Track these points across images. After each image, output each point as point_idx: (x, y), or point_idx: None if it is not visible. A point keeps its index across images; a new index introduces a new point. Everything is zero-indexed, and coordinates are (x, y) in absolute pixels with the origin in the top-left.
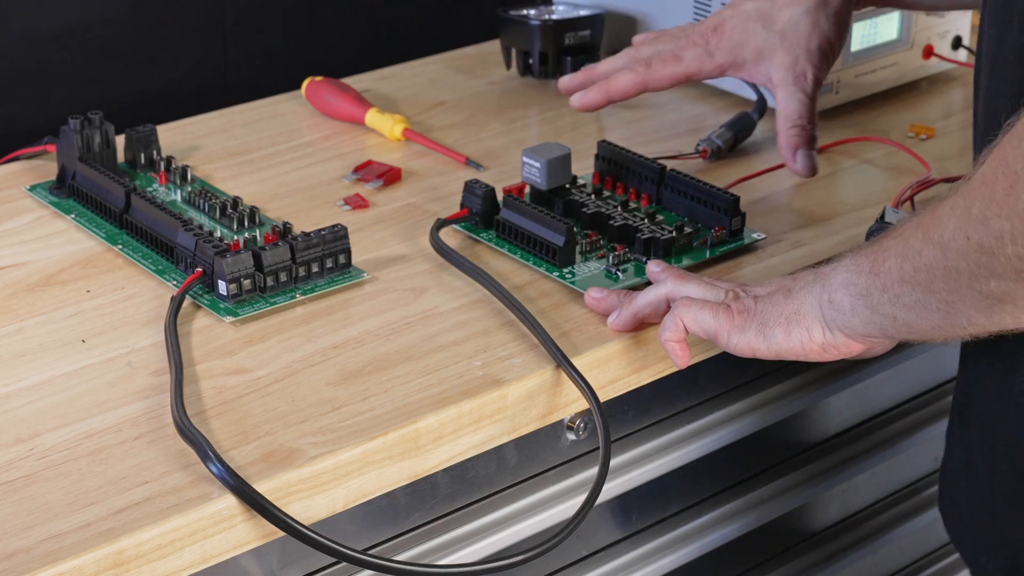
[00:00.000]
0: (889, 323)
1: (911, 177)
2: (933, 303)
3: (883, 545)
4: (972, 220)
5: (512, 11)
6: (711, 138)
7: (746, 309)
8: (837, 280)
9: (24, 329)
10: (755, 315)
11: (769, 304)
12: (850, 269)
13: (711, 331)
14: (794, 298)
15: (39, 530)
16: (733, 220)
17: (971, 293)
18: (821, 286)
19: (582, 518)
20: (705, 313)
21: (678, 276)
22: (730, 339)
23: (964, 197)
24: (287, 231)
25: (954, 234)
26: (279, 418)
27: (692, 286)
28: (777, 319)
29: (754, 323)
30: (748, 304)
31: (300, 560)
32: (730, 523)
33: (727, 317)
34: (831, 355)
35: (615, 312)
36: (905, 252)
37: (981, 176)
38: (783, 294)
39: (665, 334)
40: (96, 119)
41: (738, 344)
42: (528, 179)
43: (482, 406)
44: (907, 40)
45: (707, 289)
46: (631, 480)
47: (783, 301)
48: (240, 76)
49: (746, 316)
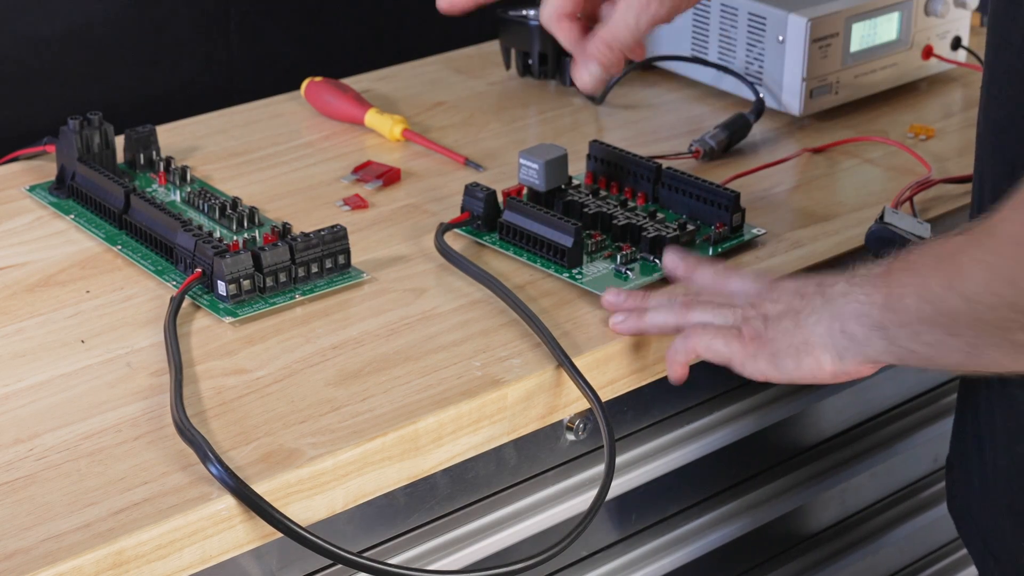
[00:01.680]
0: (907, 355)
1: (911, 177)
2: (956, 344)
3: (883, 545)
4: (1002, 279)
5: (512, 11)
6: (704, 139)
7: (757, 335)
8: (849, 310)
9: (23, 329)
10: (766, 343)
11: (779, 331)
12: (861, 300)
13: (724, 359)
14: (803, 327)
15: (38, 530)
16: (734, 216)
17: (1000, 342)
18: (831, 315)
19: (584, 526)
20: (717, 342)
21: (686, 304)
22: (744, 368)
23: (992, 253)
24: (286, 232)
25: (982, 290)
26: (278, 419)
27: (701, 312)
28: (787, 349)
29: (765, 352)
30: (758, 328)
31: (299, 560)
32: (730, 523)
33: (739, 345)
34: (843, 379)
35: (622, 315)
36: (924, 294)
37: (1010, 235)
38: (792, 319)
39: (677, 357)
40: (95, 119)
41: (752, 372)
42: (525, 181)
43: (481, 407)
44: (906, 41)
45: (716, 313)
46: (631, 480)
47: (792, 329)
48: (240, 77)
49: (758, 344)
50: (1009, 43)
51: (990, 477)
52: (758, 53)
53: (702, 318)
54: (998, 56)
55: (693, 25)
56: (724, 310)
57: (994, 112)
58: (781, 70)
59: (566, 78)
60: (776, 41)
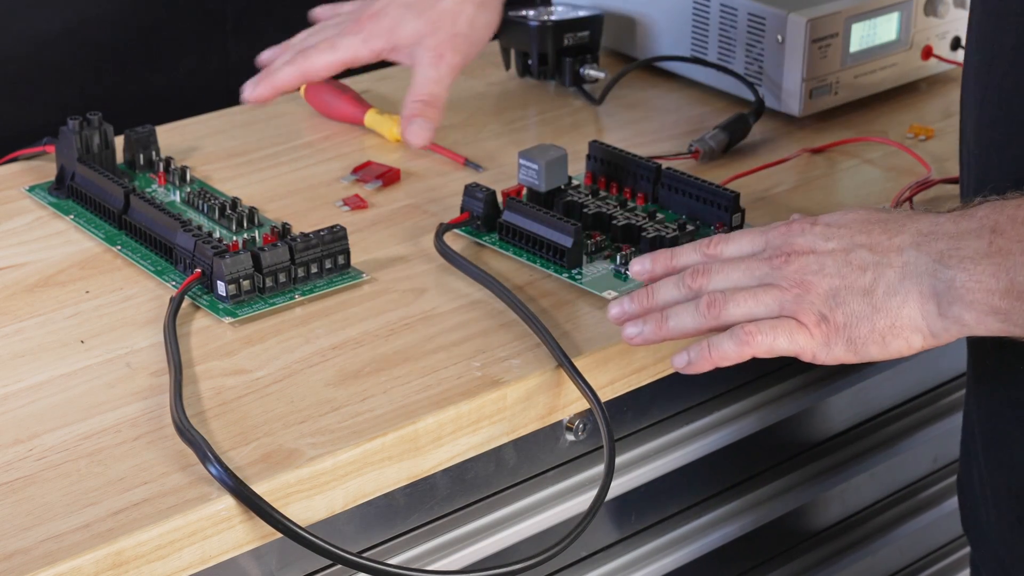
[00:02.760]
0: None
1: (910, 178)
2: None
3: (883, 545)
4: None
5: (511, 12)
6: (704, 139)
7: (822, 319)
8: (953, 294)
9: (23, 330)
10: (839, 328)
11: (851, 315)
12: (971, 287)
13: (790, 354)
14: (884, 309)
15: (38, 531)
16: (733, 216)
17: None
18: (920, 295)
19: (584, 527)
20: (780, 339)
21: (712, 302)
22: (816, 358)
23: None
24: (286, 232)
25: None
26: (278, 419)
27: (736, 305)
28: (869, 335)
29: (840, 338)
30: (821, 311)
31: (299, 561)
32: (730, 523)
33: (804, 336)
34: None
35: (635, 325)
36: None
37: None
38: (863, 300)
39: (725, 359)
40: (95, 120)
41: (826, 360)
42: (525, 181)
43: (481, 407)
44: (906, 41)
45: (754, 301)
46: (631, 481)
47: (870, 312)
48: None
49: (826, 330)
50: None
51: (1001, 502)
52: (758, 53)
53: (740, 311)
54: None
55: (693, 25)
56: (761, 295)
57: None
58: (781, 70)
59: (566, 78)
60: (776, 41)
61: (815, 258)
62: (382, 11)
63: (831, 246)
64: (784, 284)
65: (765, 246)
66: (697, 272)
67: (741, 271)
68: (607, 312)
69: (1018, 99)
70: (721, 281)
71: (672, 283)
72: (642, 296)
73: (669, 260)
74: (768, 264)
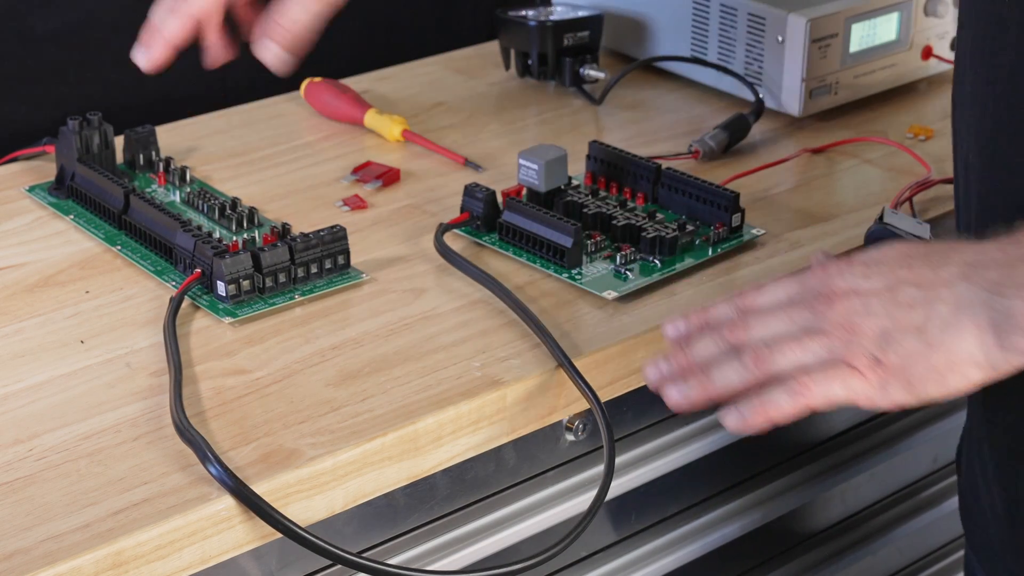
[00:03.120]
0: None
1: (910, 178)
2: None
3: (883, 545)
4: None
5: (511, 12)
6: (704, 139)
7: (875, 362)
8: (1012, 324)
9: (23, 330)
10: (894, 371)
11: (906, 354)
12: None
13: (847, 402)
14: (939, 346)
15: (38, 531)
16: (733, 216)
17: None
18: (976, 326)
19: (584, 527)
20: (835, 387)
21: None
22: (873, 403)
23: None
24: (286, 232)
25: None
26: (278, 419)
27: (785, 355)
28: (927, 373)
29: (896, 380)
30: (873, 353)
31: (299, 561)
32: (730, 523)
33: (860, 382)
34: None
35: (677, 386)
36: None
37: None
38: (915, 338)
39: (781, 414)
40: (95, 120)
41: (884, 405)
42: (524, 181)
43: (481, 407)
44: (906, 41)
45: (802, 348)
46: (630, 481)
47: (924, 349)
48: (239, 77)
49: (881, 372)
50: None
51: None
52: (757, 53)
53: (788, 362)
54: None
55: (693, 25)
56: (808, 343)
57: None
58: (780, 70)
59: (566, 79)
60: (775, 41)
61: (859, 299)
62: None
63: (874, 285)
64: (830, 329)
65: (802, 292)
66: (735, 325)
67: (782, 320)
68: (643, 375)
69: (1021, 116)
70: (762, 332)
71: (710, 339)
72: (679, 355)
73: (702, 317)
74: (810, 310)
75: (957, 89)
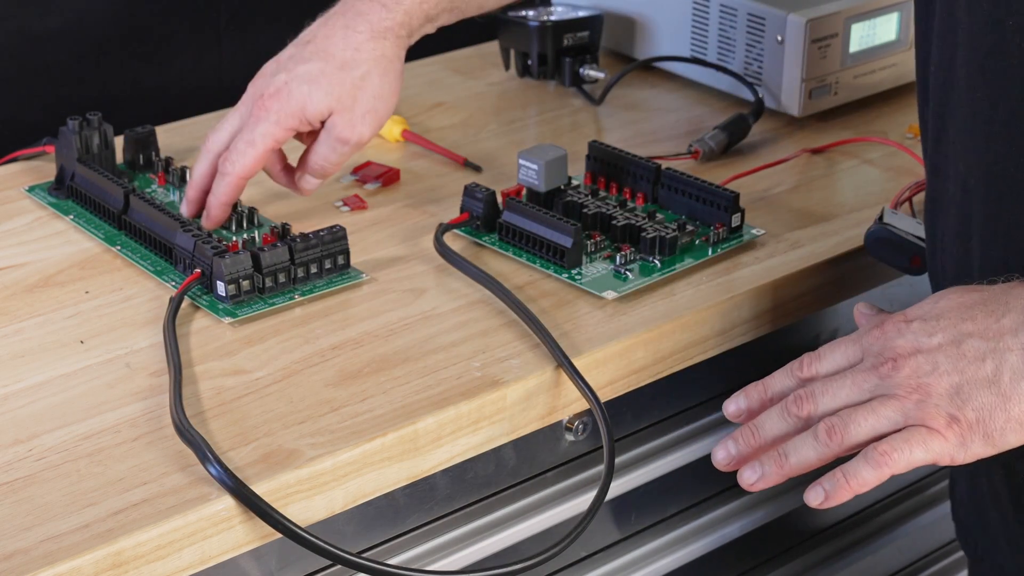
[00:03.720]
0: None
1: (910, 178)
2: None
3: (883, 545)
4: None
5: (511, 12)
6: (704, 139)
7: (953, 420)
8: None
9: (23, 330)
10: (972, 426)
11: (982, 409)
12: None
13: (929, 463)
14: (1017, 396)
15: (37, 531)
16: (733, 217)
17: None
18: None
19: (584, 527)
20: (916, 451)
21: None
22: (955, 459)
23: None
24: (286, 232)
25: None
26: (278, 419)
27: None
28: (1007, 424)
29: (976, 435)
30: (949, 411)
31: (299, 561)
32: (730, 523)
33: (939, 442)
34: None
35: (752, 469)
36: None
37: None
38: (989, 391)
39: (865, 486)
40: (95, 120)
41: (965, 460)
42: (524, 181)
43: (481, 407)
44: (905, 41)
45: (875, 415)
46: (630, 481)
47: (1003, 404)
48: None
49: (959, 430)
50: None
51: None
52: (757, 53)
53: (864, 431)
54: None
55: (692, 26)
56: (880, 408)
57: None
58: (780, 70)
59: (565, 79)
60: (775, 41)
61: (924, 357)
62: (284, 89)
63: (937, 341)
64: (901, 392)
65: (863, 355)
66: (800, 399)
67: (848, 387)
68: (713, 457)
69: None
70: (829, 402)
71: (776, 415)
72: (747, 435)
73: (764, 392)
74: (875, 374)
75: (941, 108)
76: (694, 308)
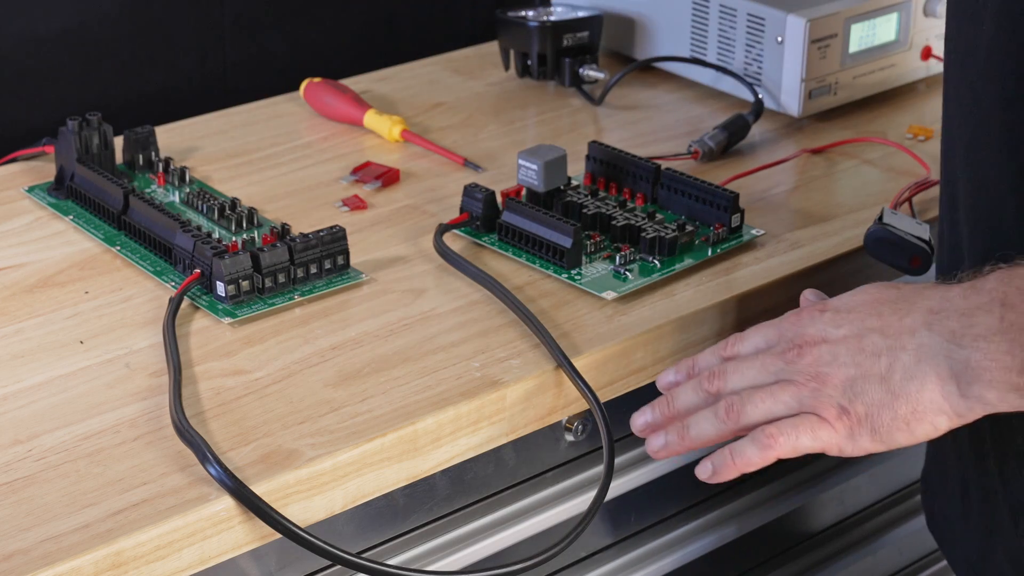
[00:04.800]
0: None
1: (910, 178)
2: None
3: (882, 546)
4: None
5: (510, 12)
6: (703, 139)
7: (843, 411)
8: (969, 374)
9: (22, 330)
10: (860, 420)
11: (871, 403)
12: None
13: (815, 451)
14: (903, 395)
15: (37, 531)
16: (733, 217)
17: None
18: (937, 376)
19: (584, 527)
20: (803, 438)
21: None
22: (843, 451)
23: None
24: (285, 232)
25: None
26: (277, 419)
27: (754, 406)
28: (893, 423)
29: (863, 429)
30: (840, 403)
31: (298, 561)
32: (729, 524)
33: (827, 431)
34: None
35: (659, 437)
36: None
37: None
38: (880, 386)
39: (750, 464)
40: (94, 120)
41: (854, 453)
42: (524, 182)
43: (480, 407)
44: (905, 41)
45: (772, 399)
46: (630, 481)
47: (889, 399)
48: (238, 77)
49: (848, 422)
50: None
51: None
52: (757, 54)
53: (759, 412)
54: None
55: (692, 26)
56: (778, 393)
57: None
58: (780, 71)
59: (565, 79)
60: (775, 42)
61: (828, 348)
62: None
63: (842, 333)
64: (800, 379)
65: (779, 339)
66: (713, 375)
67: (756, 369)
68: (632, 423)
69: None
70: (737, 381)
71: (691, 388)
72: (663, 404)
73: (691, 366)
74: (782, 359)
75: (943, 134)
76: (694, 308)
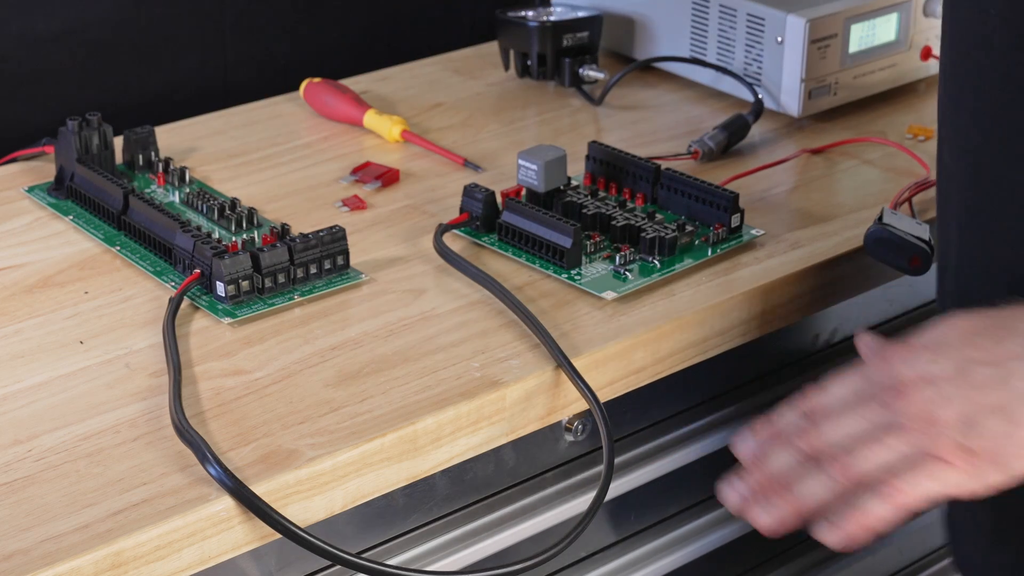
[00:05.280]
0: None
1: (909, 178)
2: None
3: (882, 546)
4: None
5: (510, 12)
6: (703, 139)
7: (964, 450)
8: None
9: (22, 331)
10: (984, 456)
11: (992, 437)
12: None
13: (944, 497)
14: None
15: (37, 531)
16: (732, 217)
17: None
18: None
19: (583, 527)
20: (927, 484)
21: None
22: (974, 494)
23: None
24: (285, 232)
25: None
26: (277, 419)
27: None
28: (1019, 451)
29: (987, 464)
30: (959, 442)
31: (298, 562)
32: (730, 524)
33: (952, 473)
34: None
35: (764, 509)
36: None
37: None
38: (1000, 417)
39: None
40: (94, 120)
41: (981, 491)
42: (524, 182)
43: (480, 407)
44: (905, 42)
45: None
46: (630, 481)
47: (1013, 430)
48: (238, 77)
49: (971, 459)
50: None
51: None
52: (757, 54)
53: (872, 464)
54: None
55: (692, 26)
56: (889, 440)
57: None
58: (780, 71)
59: (565, 79)
60: (775, 42)
61: (932, 387)
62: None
63: (944, 369)
64: (910, 423)
65: (869, 386)
66: (805, 431)
67: (854, 419)
68: (724, 500)
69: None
70: (836, 435)
71: (782, 449)
72: (756, 473)
73: (770, 428)
74: (882, 405)
75: (939, 144)
76: (694, 308)
